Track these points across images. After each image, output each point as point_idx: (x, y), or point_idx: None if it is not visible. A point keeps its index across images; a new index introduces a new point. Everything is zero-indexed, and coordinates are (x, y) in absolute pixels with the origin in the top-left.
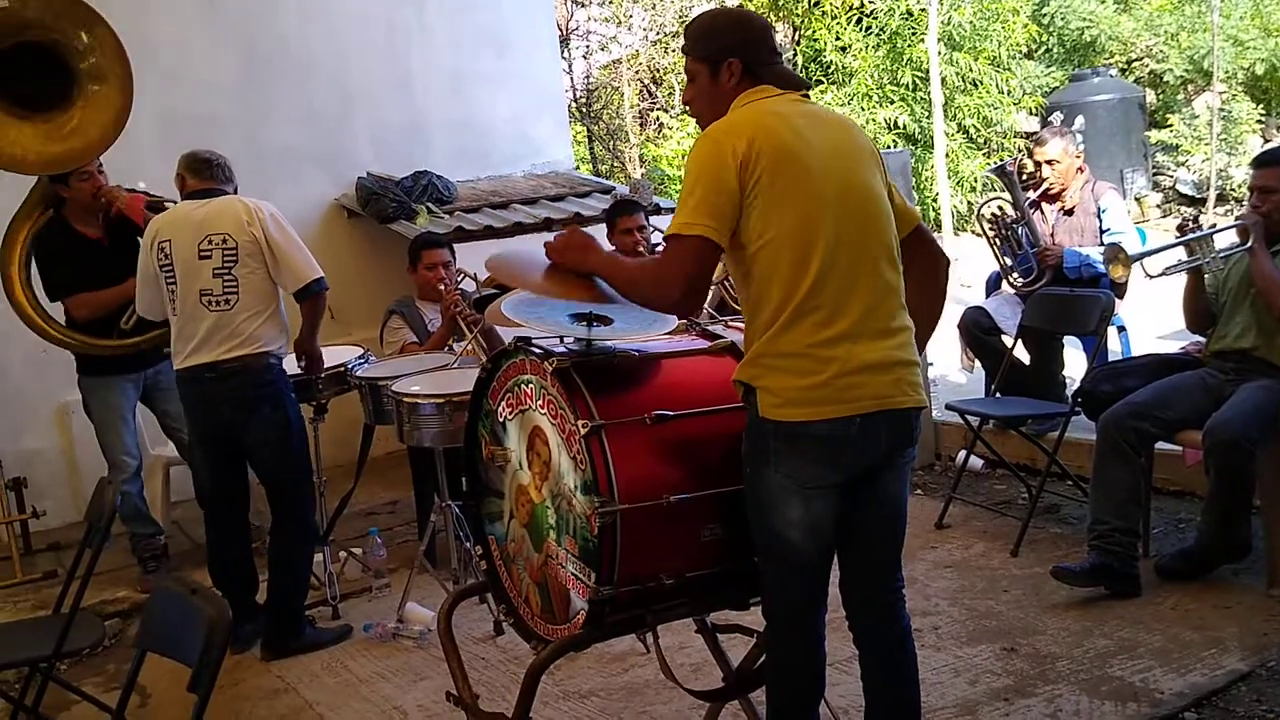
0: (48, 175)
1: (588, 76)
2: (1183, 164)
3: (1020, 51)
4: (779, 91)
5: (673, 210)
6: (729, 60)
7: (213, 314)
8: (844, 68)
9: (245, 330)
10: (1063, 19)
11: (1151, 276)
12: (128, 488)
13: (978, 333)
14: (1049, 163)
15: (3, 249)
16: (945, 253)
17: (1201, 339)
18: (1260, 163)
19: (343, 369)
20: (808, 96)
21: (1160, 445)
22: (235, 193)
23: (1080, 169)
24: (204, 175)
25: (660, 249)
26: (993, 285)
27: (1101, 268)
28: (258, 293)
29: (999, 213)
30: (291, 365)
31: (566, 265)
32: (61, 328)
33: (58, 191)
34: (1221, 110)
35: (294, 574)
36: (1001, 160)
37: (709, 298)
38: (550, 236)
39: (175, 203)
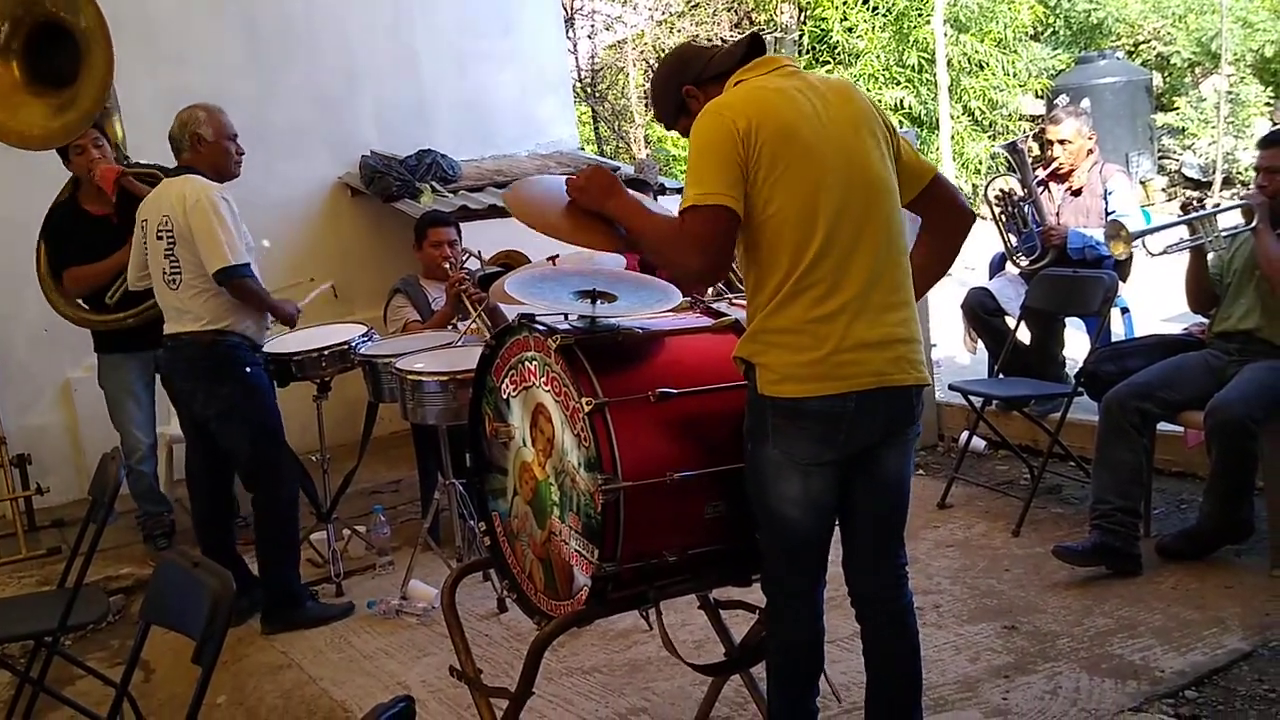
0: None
1: (593, 57)
2: (1189, 147)
3: (1026, 33)
4: (774, 65)
5: (678, 191)
6: (684, 88)
7: (170, 292)
8: (850, 48)
9: (191, 307)
10: (1069, 1)
11: (1153, 254)
12: (143, 468)
13: (981, 314)
14: (1061, 142)
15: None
16: (968, 207)
17: (1204, 320)
18: (1267, 143)
19: (346, 347)
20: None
21: (1162, 426)
22: (221, 141)
23: (1090, 150)
24: (175, 152)
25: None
26: (996, 267)
27: (1106, 250)
28: (197, 272)
29: (1006, 190)
30: (294, 343)
31: (587, 205)
32: (65, 304)
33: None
34: (1229, 93)
35: (276, 546)
36: (1012, 139)
37: None
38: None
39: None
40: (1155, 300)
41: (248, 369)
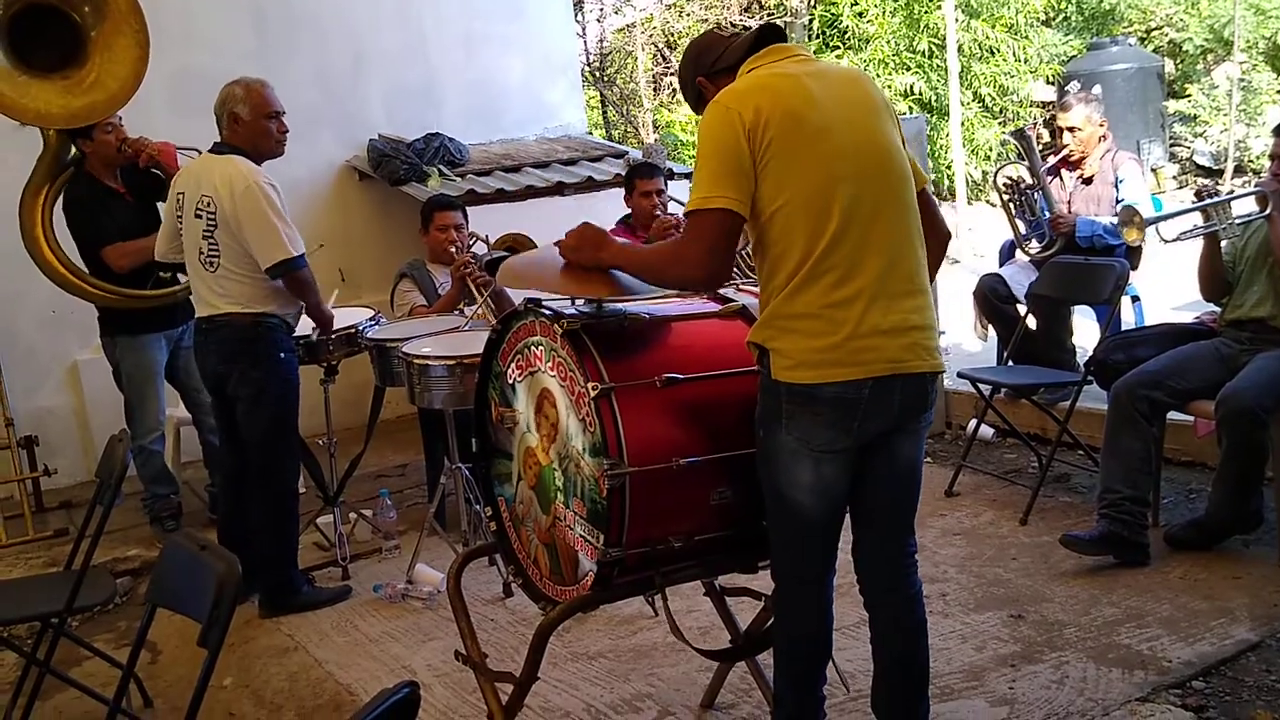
0: (66, 134)
1: (601, 40)
2: (1200, 135)
3: (1038, 19)
4: (786, 53)
5: (686, 176)
6: (697, 79)
7: (206, 273)
8: (860, 33)
9: (230, 291)
10: None
11: (1167, 241)
12: (157, 447)
13: (994, 300)
14: (1070, 129)
15: (24, 216)
16: (947, 226)
17: (1216, 309)
18: None
19: (353, 331)
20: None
21: (1171, 415)
22: (259, 120)
23: (1103, 138)
24: (219, 129)
25: (682, 226)
26: (1006, 254)
27: (1114, 239)
28: (238, 258)
29: (1014, 178)
30: (305, 327)
31: (582, 263)
32: (100, 283)
33: (80, 148)
34: (1241, 80)
35: (272, 534)
36: (1020, 126)
37: None
38: (563, 234)
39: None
40: (1166, 289)
41: (282, 354)
